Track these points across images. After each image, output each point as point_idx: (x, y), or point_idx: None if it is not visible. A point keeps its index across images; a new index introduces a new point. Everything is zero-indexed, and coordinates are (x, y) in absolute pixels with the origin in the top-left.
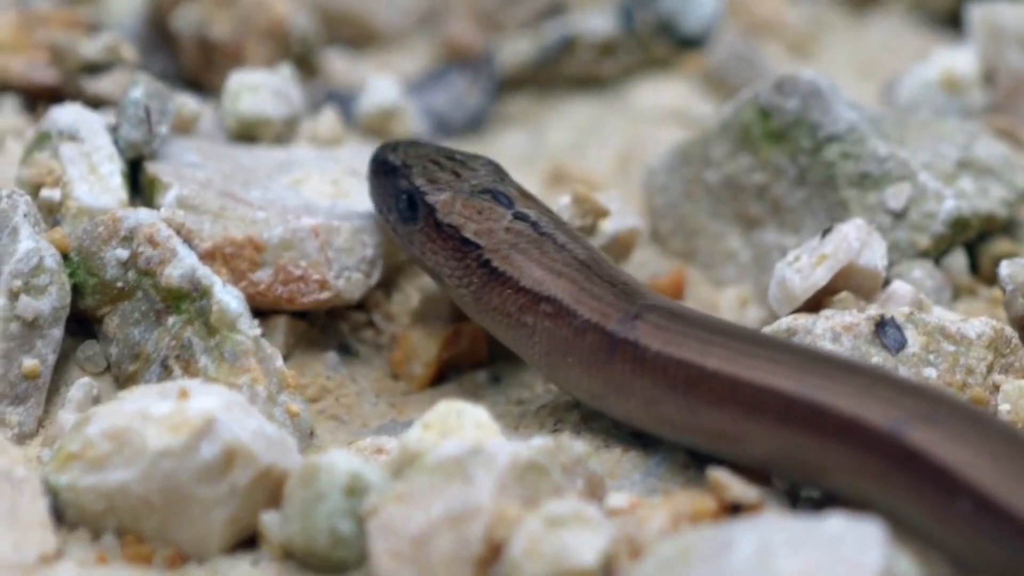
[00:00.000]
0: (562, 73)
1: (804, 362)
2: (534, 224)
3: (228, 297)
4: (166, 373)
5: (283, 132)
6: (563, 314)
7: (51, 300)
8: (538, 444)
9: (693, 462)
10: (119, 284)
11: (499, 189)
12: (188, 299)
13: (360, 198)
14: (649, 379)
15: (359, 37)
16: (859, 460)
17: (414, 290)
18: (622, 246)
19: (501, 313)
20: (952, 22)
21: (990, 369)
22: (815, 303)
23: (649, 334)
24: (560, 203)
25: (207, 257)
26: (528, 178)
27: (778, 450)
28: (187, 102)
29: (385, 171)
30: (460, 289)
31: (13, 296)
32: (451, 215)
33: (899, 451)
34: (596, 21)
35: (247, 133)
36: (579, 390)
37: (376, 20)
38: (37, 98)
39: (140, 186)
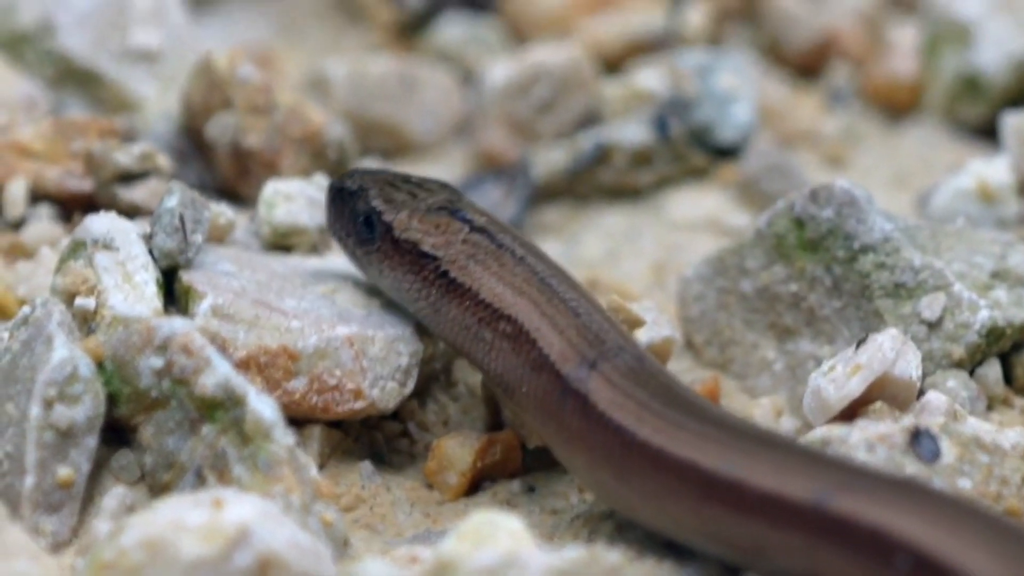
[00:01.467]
0: (597, 182)
1: (730, 437)
2: (491, 236)
3: (262, 406)
4: (200, 482)
5: (318, 241)
6: (522, 340)
7: (85, 409)
8: (572, 555)
9: (727, 573)
10: (153, 393)
11: (456, 207)
12: (222, 408)
13: (393, 306)
14: (592, 439)
15: (394, 146)
16: (786, 535)
17: (448, 399)
18: (657, 356)
19: (459, 325)
20: (986, 132)
21: None
22: (850, 413)
23: (600, 389)
24: None
25: (241, 366)
26: None
27: (709, 529)
28: (222, 211)
29: (342, 197)
30: (419, 303)
31: (47, 405)
32: (408, 231)
33: (826, 521)
34: (631, 131)
35: (282, 242)
36: (529, 421)
37: (411, 129)
38: (72, 207)
39: (175, 295)
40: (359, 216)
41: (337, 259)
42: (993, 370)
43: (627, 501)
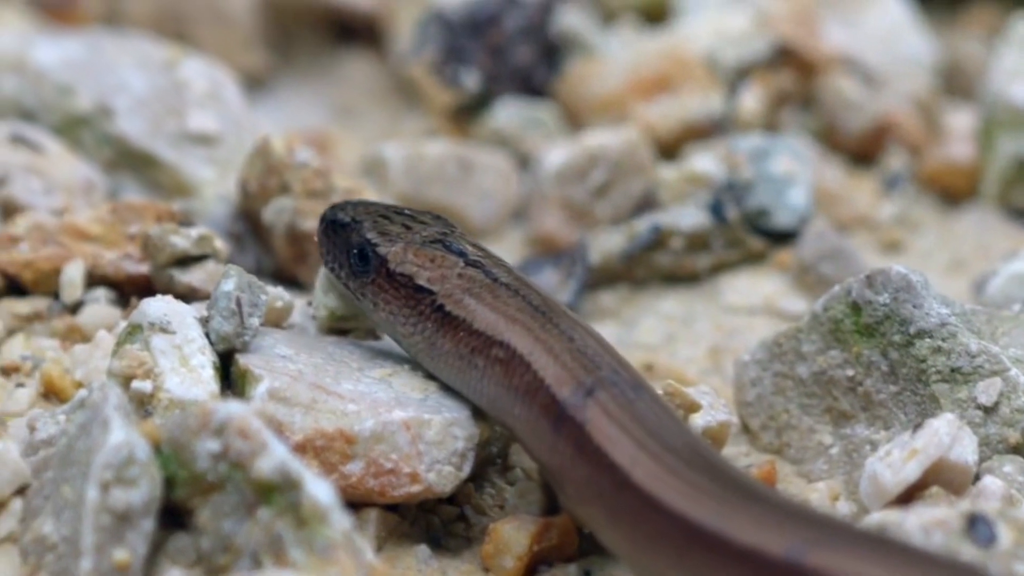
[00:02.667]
0: (653, 266)
1: (719, 487)
2: (487, 271)
3: (319, 490)
4: (257, 566)
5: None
6: (515, 364)
7: (142, 492)
8: None
9: None
10: (210, 476)
11: (450, 240)
12: (279, 492)
13: (449, 391)
14: (585, 470)
15: None
16: None
17: (504, 483)
18: (713, 440)
19: (454, 356)
20: None
21: None
22: (906, 498)
23: (597, 419)
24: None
25: (298, 450)
26: None
27: None
28: (279, 295)
29: (335, 229)
30: (414, 337)
31: (104, 488)
32: (403, 264)
33: (800, 575)
34: (687, 215)
35: (338, 326)
36: (525, 445)
37: (467, 213)
38: (128, 290)
39: (231, 378)
40: (353, 248)
41: (393, 343)
42: None
43: (613, 538)
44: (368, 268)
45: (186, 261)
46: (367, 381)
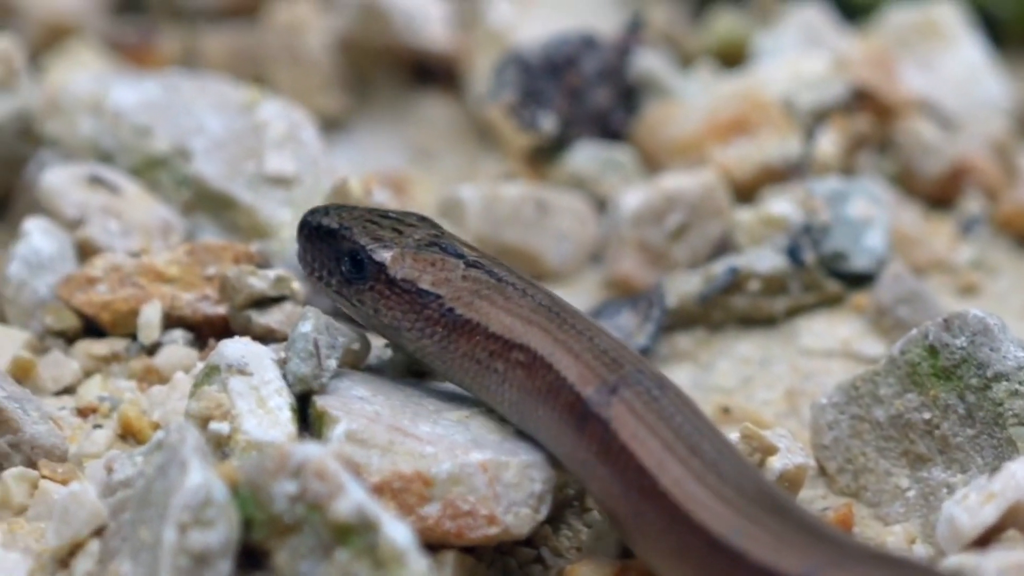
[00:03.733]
0: (730, 309)
1: (744, 500)
2: (490, 272)
3: (396, 532)
4: None
5: None
6: (537, 366)
7: (219, 534)
8: None
9: None
10: (287, 518)
11: (444, 242)
12: (356, 534)
13: (524, 434)
14: (610, 469)
15: (531, 273)
16: None
17: (581, 525)
18: (789, 483)
19: (470, 360)
20: None
21: None
22: (983, 541)
23: (622, 417)
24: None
25: (376, 491)
26: None
27: None
28: (356, 336)
29: (320, 235)
30: (423, 341)
31: (182, 530)
32: (404, 270)
33: None
34: (764, 258)
35: (415, 367)
36: (548, 446)
37: (544, 255)
38: (206, 331)
39: (309, 420)
40: (344, 255)
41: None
42: None
43: (635, 539)
44: (364, 275)
45: (263, 302)
46: (444, 423)
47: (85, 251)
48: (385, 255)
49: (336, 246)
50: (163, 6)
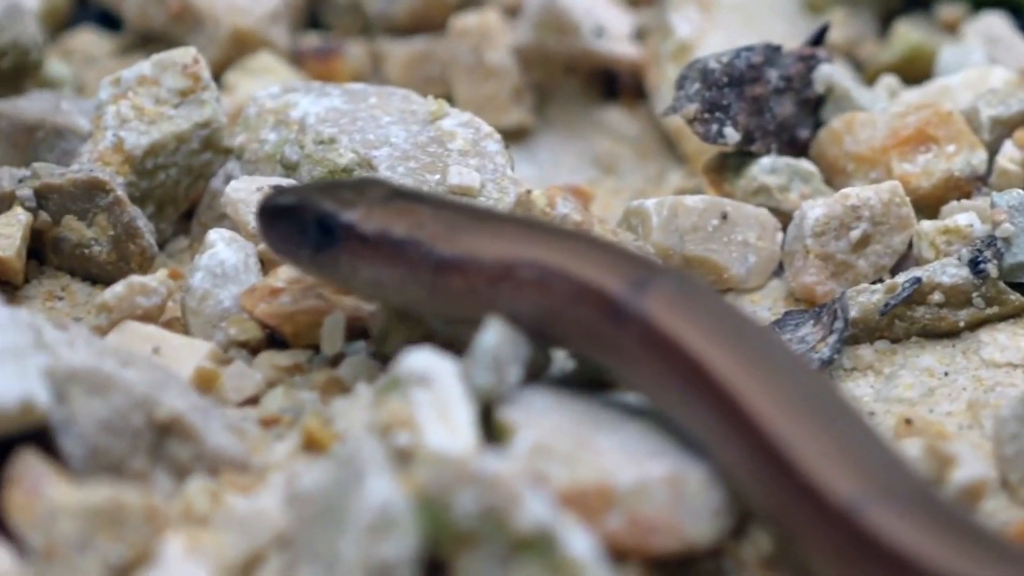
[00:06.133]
0: (913, 321)
1: (800, 396)
2: (457, 208)
3: (579, 543)
4: None
5: None
6: (550, 278)
7: (401, 546)
8: None
9: None
10: (468, 530)
11: (406, 192)
12: (537, 546)
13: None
14: (654, 365)
15: (714, 284)
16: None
17: (764, 536)
18: (971, 496)
19: (469, 294)
20: None
21: None
22: None
23: (658, 308)
24: (909, 453)
25: (558, 502)
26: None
27: (752, 482)
28: (537, 348)
29: (282, 214)
30: (409, 288)
31: (363, 542)
32: (373, 223)
33: (856, 528)
34: (947, 270)
35: (597, 378)
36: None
37: (727, 267)
38: None
39: (491, 431)
40: (309, 224)
41: (640, 398)
42: None
43: (692, 425)
44: (333, 238)
45: None
46: (626, 434)
47: (268, 262)
48: (351, 215)
49: (300, 218)
50: (348, 21)
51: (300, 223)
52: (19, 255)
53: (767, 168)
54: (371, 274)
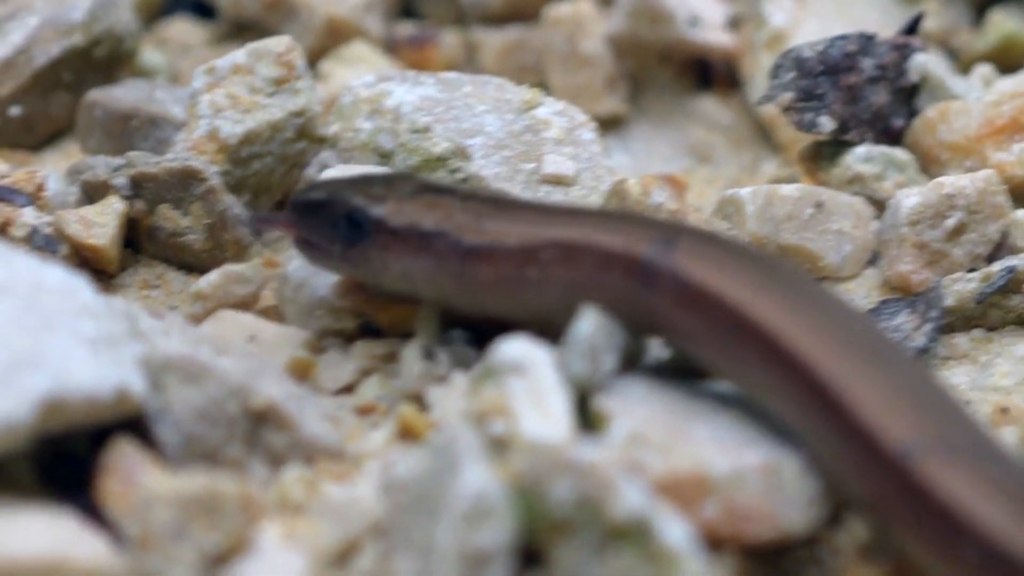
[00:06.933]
0: (1008, 310)
1: (845, 336)
2: (484, 199)
3: (675, 532)
4: None
5: None
6: (574, 252)
7: (498, 534)
8: None
9: None
10: (564, 518)
11: (434, 185)
12: (633, 534)
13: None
14: (691, 319)
15: (811, 271)
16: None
17: (861, 525)
18: None
19: (498, 281)
20: None
21: None
22: None
23: (689, 263)
24: (1004, 440)
25: (653, 491)
26: None
27: (796, 413)
28: (632, 337)
29: (313, 209)
30: (439, 279)
31: (460, 530)
32: (402, 216)
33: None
34: None
35: (691, 367)
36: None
37: (822, 256)
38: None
39: (587, 420)
40: (340, 219)
41: (731, 385)
42: None
43: (734, 372)
44: (363, 233)
45: None
46: (720, 423)
47: None
48: (381, 209)
49: (330, 214)
50: (442, 10)
51: (331, 218)
52: (114, 244)
53: (862, 157)
54: (401, 267)
